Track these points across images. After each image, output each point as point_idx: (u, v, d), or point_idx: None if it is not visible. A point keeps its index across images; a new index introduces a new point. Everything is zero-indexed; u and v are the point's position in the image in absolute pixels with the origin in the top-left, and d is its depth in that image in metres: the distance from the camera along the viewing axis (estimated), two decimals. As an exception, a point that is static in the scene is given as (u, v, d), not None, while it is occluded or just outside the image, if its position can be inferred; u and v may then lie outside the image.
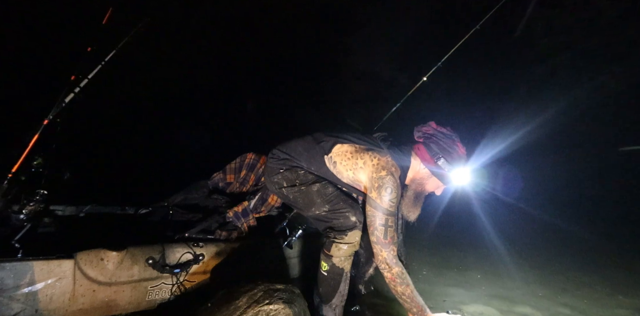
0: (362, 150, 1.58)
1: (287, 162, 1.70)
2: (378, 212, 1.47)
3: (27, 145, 1.62)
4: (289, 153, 1.71)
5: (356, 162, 1.57)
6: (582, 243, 3.90)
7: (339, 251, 1.55)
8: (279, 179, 1.69)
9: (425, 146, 1.58)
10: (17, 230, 1.53)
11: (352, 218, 1.56)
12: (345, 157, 1.60)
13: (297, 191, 1.64)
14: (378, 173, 1.50)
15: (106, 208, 2.28)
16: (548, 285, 2.47)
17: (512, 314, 1.94)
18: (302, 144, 1.71)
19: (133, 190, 3.19)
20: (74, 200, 2.18)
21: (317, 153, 1.66)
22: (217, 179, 2.48)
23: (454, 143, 1.56)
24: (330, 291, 1.61)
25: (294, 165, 1.70)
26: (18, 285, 1.32)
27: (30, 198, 1.62)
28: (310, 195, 1.62)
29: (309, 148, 1.68)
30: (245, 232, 2.11)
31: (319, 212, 1.61)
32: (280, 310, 1.29)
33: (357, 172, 1.57)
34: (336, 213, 1.58)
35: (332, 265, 1.57)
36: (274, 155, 1.76)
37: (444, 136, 1.56)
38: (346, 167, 1.60)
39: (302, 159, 1.69)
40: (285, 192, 1.68)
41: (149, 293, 1.61)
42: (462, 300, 2.09)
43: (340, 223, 1.57)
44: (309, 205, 1.62)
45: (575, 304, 2.15)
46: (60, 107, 1.72)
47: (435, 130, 1.59)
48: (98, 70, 1.84)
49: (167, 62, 6.98)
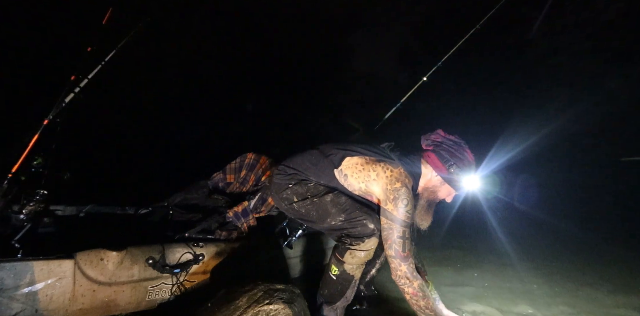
0: (374, 162, 1.57)
1: (295, 176, 1.67)
2: (395, 224, 1.45)
3: (27, 145, 1.62)
4: (296, 169, 1.68)
5: (368, 174, 1.55)
6: (582, 244, 3.90)
7: (352, 259, 1.52)
8: (289, 194, 1.64)
9: (436, 154, 1.59)
10: (17, 230, 1.53)
11: (370, 226, 1.52)
12: (356, 169, 1.57)
13: (310, 204, 1.59)
14: (393, 185, 1.48)
15: (106, 208, 2.28)
16: (548, 285, 2.47)
17: (512, 314, 1.94)
18: (309, 158, 1.68)
19: (133, 190, 3.19)
20: (74, 200, 2.18)
21: (326, 167, 1.63)
22: (217, 179, 2.48)
23: (464, 150, 1.59)
24: (336, 295, 1.59)
25: (303, 179, 1.66)
26: (18, 285, 1.32)
27: (30, 198, 1.62)
28: (324, 206, 1.57)
29: (316, 162, 1.65)
30: (245, 232, 2.11)
31: (334, 222, 1.56)
32: (280, 310, 1.29)
33: (370, 184, 1.55)
34: (353, 222, 1.53)
35: (343, 270, 1.54)
36: (280, 171, 1.71)
37: (454, 143, 1.59)
38: (358, 179, 1.57)
39: (310, 173, 1.65)
40: (297, 206, 1.62)
41: (149, 293, 1.61)
42: (462, 299, 2.09)
43: (357, 232, 1.52)
44: (324, 216, 1.57)
45: (576, 304, 2.15)
46: (60, 107, 1.73)
47: (444, 138, 1.61)
48: (98, 70, 1.84)
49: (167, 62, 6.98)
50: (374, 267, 1.98)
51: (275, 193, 1.71)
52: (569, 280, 2.60)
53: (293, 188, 1.64)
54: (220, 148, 6.01)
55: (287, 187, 1.65)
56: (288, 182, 1.66)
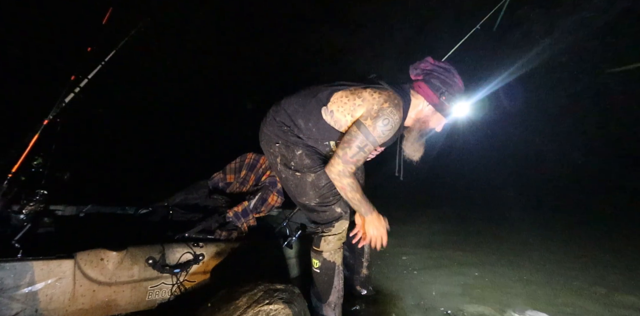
0: (359, 89, 1.48)
1: (284, 133, 1.60)
2: (362, 136, 1.42)
3: (27, 145, 1.62)
4: (290, 116, 1.59)
5: (354, 103, 1.46)
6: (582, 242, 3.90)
7: (328, 245, 1.57)
8: (275, 151, 1.63)
9: (426, 83, 1.52)
10: (17, 230, 1.53)
11: (338, 210, 1.57)
12: (341, 102, 1.49)
13: (292, 175, 1.60)
14: (379, 105, 1.41)
15: (106, 208, 2.28)
16: (548, 285, 2.47)
17: (512, 314, 1.94)
18: (298, 101, 1.59)
19: (133, 190, 3.20)
20: (74, 200, 2.18)
21: (313, 108, 1.55)
22: (217, 179, 2.48)
23: (454, 76, 1.52)
24: (326, 287, 1.61)
25: (291, 139, 1.60)
26: (18, 285, 1.32)
27: (30, 198, 1.62)
28: (303, 185, 1.59)
29: (304, 104, 1.57)
30: (245, 232, 2.12)
31: (308, 202, 1.60)
32: (280, 310, 1.29)
33: (356, 112, 1.46)
34: (324, 206, 1.58)
35: (323, 259, 1.59)
36: (276, 113, 1.63)
37: (444, 70, 1.52)
38: (344, 112, 1.49)
39: (300, 119, 1.57)
40: (279, 167, 1.63)
41: (149, 293, 1.61)
42: (462, 299, 2.09)
43: (326, 216, 1.58)
44: (301, 193, 1.60)
45: (576, 303, 2.15)
46: (60, 107, 1.73)
47: (433, 65, 1.53)
48: (98, 70, 1.84)
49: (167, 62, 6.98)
50: (363, 266, 1.98)
51: (265, 143, 1.68)
52: (569, 280, 2.60)
53: (280, 147, 1.61)
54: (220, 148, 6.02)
55: (275, 143, 1.62)
56: (276, 138, 1.61)
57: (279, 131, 1.61)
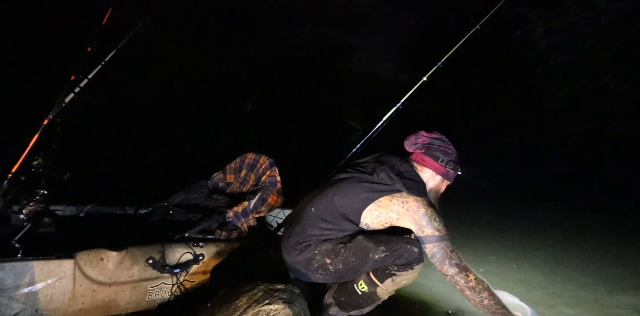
0: (385, 201, 1.48)
1: (313, 244, 1.51)
2: (442, 243, 1.43)
3: (27, 145, 1.62)
4: (310, 237, 1.52)
5: (388, 215, 1.49)
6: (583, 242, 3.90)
7: (392, 285, 1.49)
8: (319, 260, 1.49)
9: (429, 156, 1.60)
10: (17, 230, 1.53)
11: (416, 249, 1.44)
12: (372, 215, 1.50)
13: (345, 253, 1.47)
14: (417, 213, 1.45)
15: (106, 208, 2.28)
16: (548, 285, 2.47)
17: (512, 314, 1.94)
18: (327, 225, 1.52)
19: (133, 190, 3.19)
20: (74, 200, 2.17)
21: (347, 226, 1.52)
22: (217, 179, 2.48)
23: (449, 144, 1.64)
24: (354, 306, 1.59)
25: (323, 240, 1.52)
26: (18, 285, 1.32)
27: (30, 198, 1.62)
28: (360, 245, 1.46)
29: (336, 222, 1.52)
30: (245, 232, 2.11)
31: (377, 255, 1.44)
32: (280, 310, 1.29)
33: (396, 223, 1.50)
34: (397, 251, 1.44)
35: (374, 292, 1.51)
36: (298, 245, 1.52)
37: (440, 141, 1.63)
38: (380, 223, 1.52)
39: (330, 235, 1.52)
40: (333, 267, 1.48)
41: (149, 293, 1.61)
42: (462, 299, 2.09)
43: (405, 259, 1.45)
44: (365, 255, 1.45)
45: (576, 304, 2.15)
46: (60, 107, 1.72)
47: (429, 138, 1.63)
48: (98, 70, 1.84)
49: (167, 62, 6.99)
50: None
51: (305, 271, 1.54)
52: (570, 281, 2.60)
53: (320, 253, 1.49)
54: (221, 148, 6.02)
55: (313, 258, 1.50)
56: (312, 251, 1.50)
57: (310, 247, 1.52)
